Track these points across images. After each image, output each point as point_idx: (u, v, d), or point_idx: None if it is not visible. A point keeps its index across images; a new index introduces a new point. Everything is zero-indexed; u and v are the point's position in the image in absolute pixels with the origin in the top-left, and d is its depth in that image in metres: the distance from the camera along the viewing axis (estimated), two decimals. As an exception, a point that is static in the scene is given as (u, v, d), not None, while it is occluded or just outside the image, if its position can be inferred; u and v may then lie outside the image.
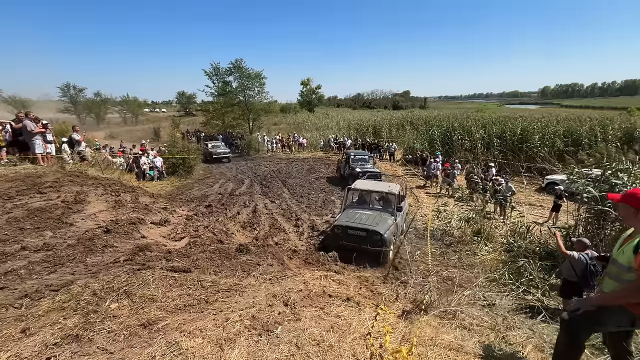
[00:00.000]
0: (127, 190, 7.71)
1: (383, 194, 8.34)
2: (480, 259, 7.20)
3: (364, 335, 2.54)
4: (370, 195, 8.56)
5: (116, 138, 31.60)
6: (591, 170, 7.33)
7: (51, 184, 6.28)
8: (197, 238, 5.27)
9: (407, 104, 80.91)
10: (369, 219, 7.35)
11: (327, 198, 12.36)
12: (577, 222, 7.15)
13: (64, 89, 45.17)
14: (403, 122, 30.16)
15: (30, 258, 3.61)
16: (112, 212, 5.73)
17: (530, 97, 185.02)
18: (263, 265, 4.11)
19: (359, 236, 6.91)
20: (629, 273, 2.11)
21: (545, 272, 6.14)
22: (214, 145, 22.54)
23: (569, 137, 17.28)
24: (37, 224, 4.55)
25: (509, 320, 3.54)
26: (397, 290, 4.45)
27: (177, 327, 2.45)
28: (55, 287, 2.98)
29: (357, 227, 6.99)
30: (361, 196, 8.71)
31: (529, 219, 9.59)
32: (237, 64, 26.40)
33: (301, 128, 35.73)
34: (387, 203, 8.28)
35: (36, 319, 2.50)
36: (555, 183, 12.50)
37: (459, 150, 19.14)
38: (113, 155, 14.21)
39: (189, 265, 3.69)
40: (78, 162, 9.50)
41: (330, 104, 76.69)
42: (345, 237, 6.99)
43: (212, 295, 2.98)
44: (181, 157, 16.33)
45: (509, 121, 20.79)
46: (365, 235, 6.87)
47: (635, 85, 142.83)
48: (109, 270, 3.37)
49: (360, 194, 8.73)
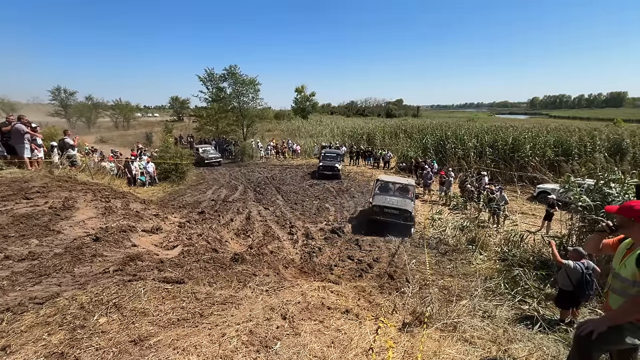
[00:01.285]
0: (117, 196, 7.51)
1: (402, 184, 10.84)
2: (475, 267, 7.17)
3: (366, 351, 2.45)
4: (394, 185, 10.85)
5: (107, 142, 31.13)
6: (583, 180, 7.43)
7: (38, 190, 6.07)
8: (190, 247, 5.12)
9: (400, 112, 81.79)
10: (398, 202, 9.66)
11: (322, 205, 12.27)
12: (570, 231, 7.21)
13: (54, 92, 44.42)
14: (396, 130, 30.39)
15: (14, 268, 3.43)
16: (102, 219, 5.54)
17: (519, 107, 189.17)
18: (259, 275, 3.99)
19: (393, 213, 9.25)
20: (635, 287, 2.08)
21: (540, 282, 6.15)
22: (204, 150, 22.50)
23: (559, 147, 17.60)
24: (22, 231, 4.35)
25: (510, 333, 3.48)
26: (395, 301, 4.38)
27: (170, 343, 2.32)
28: (40, 299, 2.82)
29: (392, 207, 9.35)
30: (385, 185, 10.85)
31: (522, 227, 9.66)
32: (232, 70, 26.33)
33: (295, 135, 35.71)
34: (405, 192, 10.57)
35: (18, 335, 2.34)
36: (546, 192, 12.66)
37: (452, 159, 19.33)
38: (103, 159, 13.91)
39: (183, 275, 3.55)
40: (67, 167, 9.25)
41: (324, 111, 77.04)
42: (382, 214, 9.35)
43: (207, 308, 2.85)
44: (174, 163, 16.08)
45: (501, 131, 21.14)
46: (397, 212, 9.23)
47: (620, 97, 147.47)
48: (98, 282, 3.22)
49: (384, 184, 10.88)
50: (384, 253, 7.83)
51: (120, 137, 38.07)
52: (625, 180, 6.23)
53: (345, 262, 7.14)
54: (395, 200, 9.73)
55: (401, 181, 11.16)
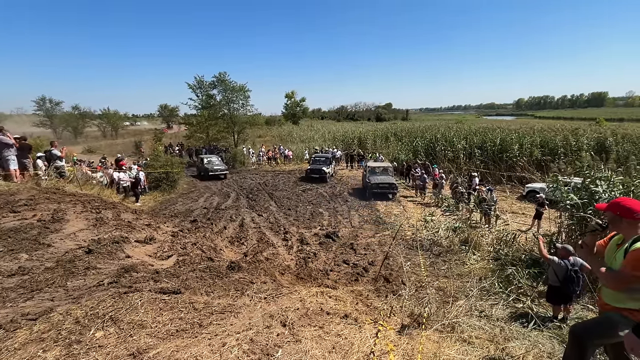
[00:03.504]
0: (107, 206, 7.39)
1: (384, 167, 16.18)
2: (470, 268, 7.26)
3: (367, 355, 2.46)
4: (379, 169, 15.91)
5: (95, 152, 30.59)
6: (570, 179, 7.63)
7: (26, 202, 5.94)
8: (185, 256, 5.06)
9: (390, 115, 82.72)
10: (384, 178, 14.84)
11: (315, 210, 12.26)
12: (560, 229, 7.36)
13: (39, 102, 43.55)
14: (387, 133, 30.71)
15: (4, 284, 3.34)
16: (93, 231, 5.44)
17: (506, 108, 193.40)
18: (257, 283, 3.97)
19: (384, 186, 14.44)
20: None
21: (533, 280, 6.25)
22: (209, 160, 20.09)
23: (545, 147, 18.04)
24: (10, 245, 4.24)
25: (506, 331, 3.54)
26: (392, 303, 4.40)
27: (169, 355, 2.29)
28: (33, 315, 2.75)
29: (383, 183, 14.48)
30: (373, 169, 15.81)
31: (513, 227, 9.83)
32: (221, 77, 26.29)
33: (286, 140, 35.73)
34: (386, 172, 15.80)
35: (12, 353, 2.28)
36: (535, 191, 12.93)
37: (442, 161, 19.60)
38: (92, 170, 13.67)
39: (179, 285, 3.51)
40: (55, 179, 9.06)
41: (314, 116, 77.33)
42: (377, 187, 14.37)
43: (205, 317, 2.83)
44: (164, 172, 15.90)
45: (489, 132, 21.59)
46: (387, 185, 14.47)
47: (601, 97, 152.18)
48: (93, 295, 3.15)
49: (372, 168, 15.89)
50: (379, 256, 7.86)
51: (109, 146, 37.47)
52: (611, 178, 6.42)
53: (341, 266, 7.14)
54: (382, 178, 14.90)
55: (383, 165, 16.77)
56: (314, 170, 18.33)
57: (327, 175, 18.25)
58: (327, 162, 19.32)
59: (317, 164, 18.88)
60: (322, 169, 18.15)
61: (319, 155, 20.99)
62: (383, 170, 15.96)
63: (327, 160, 19.47)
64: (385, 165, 16.82)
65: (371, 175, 15.40)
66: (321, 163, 19.03)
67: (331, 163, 19.82)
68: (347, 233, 9.64)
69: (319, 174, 18.14)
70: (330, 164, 19.47)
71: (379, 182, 14.54)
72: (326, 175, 18.14)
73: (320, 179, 18.11)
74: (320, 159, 19.60)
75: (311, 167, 18.65)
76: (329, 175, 18.54)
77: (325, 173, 18.11)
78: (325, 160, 19.40)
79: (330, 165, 19.33)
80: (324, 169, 18.20)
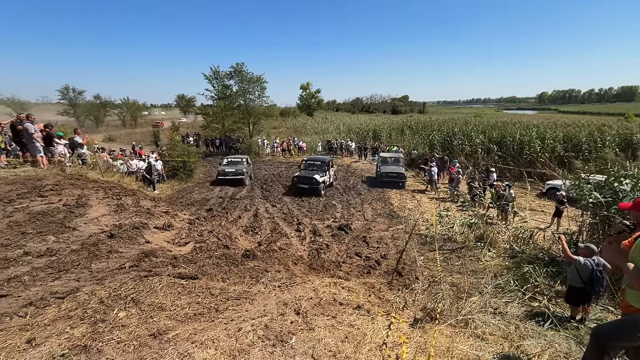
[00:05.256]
0: (127, 193, 7.62)
1: (395, 158, 16.57)
2: (484, 264, 7.15)
3: (380, 346, 2.48)
4: (390, 159, 16.40)
5: (115, 141, 31.50)
6: (593, 176, 7.34)
7: (52, 187, 6.20)
8: (202, 243, 5.20)
9: (406, 108, 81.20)
10: (395, 168, 15.30)
11: (328, 202, 12.30)
12: (581, 228, 7.13)
13: (62, 92, 44.96)
14: (402, 126, 30.23)
15: (34, 264, 3.53)
16: (115, 216, 5.65)
17: (527, 102, 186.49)
18: (271, 271, 4.04)
19: (394, 176, 14.92)
20: None
21: (551, 279, 6.10)
22: (229, 161, 16.46)
23: (568, 143, 17.35)
24: (39, 228, 4.46)
25: (521, 329, 3.49)
26: (405, 297, 4.40)
27: (188, 337, 2.38)
28: (61, 294, 2.90)
29: (393, 172, 15.03)
30: (385, 159, 16.42)
31: (531, 224, 9.58)
32: (238, 68, 26.40)
33: (301, 132, 35.74)
34: (398, 162, 16.06)
35: (42, 329, 2.42)
36: (556, 188, 12.51)
37: (459, 155, 19.18)
38: (113, 158, 14.11)
39: (196, 271, 3.61)
40: (78, 165, 9.41)
41: (329, 108, 76.84)
42: (387, 177, 14.94)
43: (222, 303, 2.91)
44: (181, 160, 16.24)
45: (509, 126, 20.91)
46: (396, 175, 14.91)
47: (632, 91, 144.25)
48: (115, 277, 3.29)
49: (384, 158, 16.55)
50: (392, 250, 7.84)
51: (128, 135, 38.48)
52: (638, 176, 6.14)
53: (353, 258, 7.16)
54: (393, 168, 15.37)
55: (394, 156, 17.06)
56: (302, 178, 13.32)
57: (322, 187, 13.29)
58: (322, 167, 14.24)
59: (308, 170, 14.01)
60: (314, 178, 13.08)
61: (312, 158, 16.06)
62: (394, 161, 16.23)
63: (323, 166, 14.37)
64: (397, 156, 16.91)
65: (382, 164, 15.96)
66: (314, 169, 14.11)
67: (328, 169, 14.54)
68: (360, 226, 9.64)
69: (309, 184, 13.10)
70: (327, 171, 14.34)
71: (389, 172, 15.06)
72: (319, 186, 13.10)
73: (311, 190, 13.08)
74: (313, 163, 14.66)
75: (299, 175, 13.64)
76: (324, 185, 13.58)
77: (318, 183, 13.06)
78: (320, 166, 14.35)
79: (326, 172, 14.20)
80: (317, 177, 13.14)
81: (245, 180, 15.24)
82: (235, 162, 16.21)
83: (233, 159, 16.74)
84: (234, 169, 15.36)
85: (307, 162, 14.99)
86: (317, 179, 13.08)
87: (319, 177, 13.26)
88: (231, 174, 15.18)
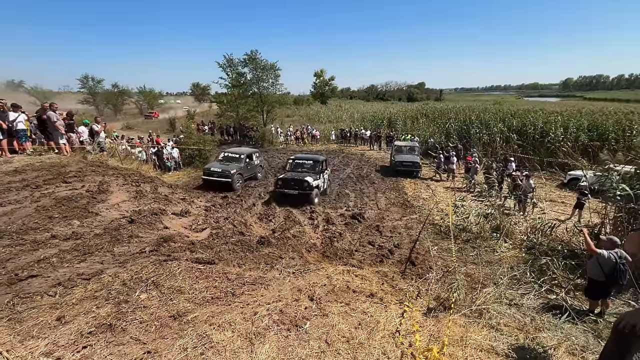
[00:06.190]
0: (146, 180, 7.84)
1: (411, 146, 16.38)
2: (500, 255, 7.04)
3: (393, 333, 2.50)
4: (405, 148, 16.20)
5: (133, 129, 32.20)
6: (622, 167, 7.01)
7: (75, 174, 6.44)
8: (218, 229, 5.32)
9: (422, 95, 79.33)
10: (410, 157, 15.26)
11: (341, 191, 12.29)
12: (604, 221, 6.88)
13: (83, 81, 46.07)
14: (418, 114, 29.59)
15: (61, 246, 3.71)
16: (134, 202, 5.84)
17: (551, 89, 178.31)
18: (285, 258, 4.11)
19: (408, 165, 14.87)
20: None
21: (570, 272, 5.96)
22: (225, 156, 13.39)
23: (594, 131, 16.58)
24: (64, 212, 4.67)
25: (537, 321, 3.44)
26: (418, 286, 4.39)
27: (206, 319, 2.46)
28: (87, 275, 3.05)
29: (407, 161, 14.99)
30: (400, 148, 16.20)
31: (551, 216, 9.31)
32: (252, 55, 26.26)
33: (314, 120, 35.55)
34: (413, 151, 15.94)
35: (70, 307, 2.56)
36: (578, 179, 12.06)
37: (476, 144, 18.68)
38: (132, 146, 14.47)
39: (213, 257, 3.72)
40: (98, 153, 9.71)
41: (343, 96, 75.90)
42: (401, 166, 14.95)
43: (238, 288, 3.00)
44: (197, 148, 16.52)
45: (529, 114, 20.12)
46: (411, 164, 14.87)
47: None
48: (136, 261, 3.43)
49: (399, 147, 16.32)
50: (405, 239, 7.80)
51: (145, 123, 39.26)
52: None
53: (366, 247, 7.17)
54: (409, 157, 15.34)
55: (410, 144, 16.81)
56: (289, 182, 10.38)
57: (314, 193, 10.29)
58: (315, 168, 11.27)
59: (297, 172, 11.11)
60: (306, 180, 10.17)
61: (302, 156, 12.85)
62: (409, 149, 16.06)
63: (316, 166, 11.36)
64: (412, 145, 16.76)
65: (397, 153, 15.85)
66: (305, 170, 11.23)
67: (322, 171, 11.47)
68: (373, 215, 9.61)
69: (299, 188, 10.18)
70: (321, 173, 11.29)
71: (403, 160, 15.08)
72: (311, 192, 10.16)
73: (301, 197, 10.16)
74: (304, 163, 11.65)
75: (285, 177, 10.68)
76: (318, 191, 10.68)
77: (311, 187, 10.17)
78: (312, 166, 11.39)
79: (320, 174, 11.15)
80: (309, 179, 10.24)
81: (235, 185, 11.71)
82: (230, 159, 12.90)
83: (231, 154, 13.32)
84: (220, 169, 11.93)
85: (295, 160, 11.91)
86: (309, 182, 10.13)
87: (312, 179, 10.32)
88: (216, 175, 11.79)
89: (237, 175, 11.87)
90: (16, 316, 2.40)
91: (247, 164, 12.63)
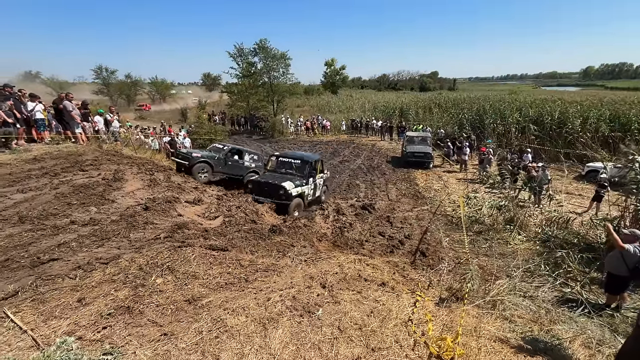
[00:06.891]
0: (159, 169, 7.97)
1: (422, 137, 16.15)
2: (513, 248, 6.93)
3: (405, 322, 2.50)
4: (417, 138, 16.00)
5: (146, 119, 32.63)
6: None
7: (91, 162, 6.59)
8: (230, 217, 5.39)
9: (436, 85, 77.65)
10: (422, 148, 15.04)
11: (352, 182, 12.25)
12: (623, 214, 6.67)
13: (97, 71, 46.71)
14: (431, 104, 29.00)
15: (79, 232, 3.82)
16: (149, 190, 5.94)
17: (570, 78, 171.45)
18: (297, 246, 4.14)
19: (420, 156, 14.72)
20: None
21: (585, 265, 5.83)
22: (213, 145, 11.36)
23: (615, 122, 15.94)
24: (82, 199, 4.79)
25: (552, 314, 3.39)
26: (430, 277, 4.37)
27: (220, 304, 2.51)
28: (105, 260, 3.14)
29: (419, 152, 14.83)
30: (412, 138, 16.07)
31: (567, 208, 9.09)
32: (262, 44, 26.09)
33: (325, 110, 35.27)
34: (425, 142, 15.70)
35: (90, 290, 2.65)
36: (596, 171, 11.68)
37: (491, 135, 18.24)
38: (145, 135, 14.69)
39: (226, 244, 3.77)
40: (113, 142, 9.89)
41: (354, 85, 74.85)
42: (413, 157, 14.82)
43: (251, 274, 3.04)
44: (208, 138, 16.67)
45: (547, 104, 19.45)
46: (423, 155, 14.74)
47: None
48: (152, 247, 3.50)
49: (411, 137, 16.23)
50: (416, 230, 7.75)
51: (158, 113, 39.73)
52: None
53: (376, 237, 7.15)
54: (420, 148, 15.06)
55: (422, 135, 16.61)
56: (261, 186, 8.26)
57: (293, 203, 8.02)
58: (303, 170, 8.93)
59: (279, 173, 9.08)
60: (282, 187, 7.87)
61: (288, 153, 10.64)
62: (421, 140, 15.86)
63: (303, 167, 9.00)
64: (424, 135, 16.62)
65: (409, 144, 15.67)
66: (288, 172, 8.97)
67: (312, 175, 9.01)
68: (384, 206, 9.56)
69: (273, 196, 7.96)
70: (310, 177, 8.87)
71: (415, 151, 14.90)
72: (290, 203, 7.91)
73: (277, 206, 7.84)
74: (289, 162, 9.35)
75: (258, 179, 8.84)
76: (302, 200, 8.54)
77: (288, 196, 7.90)
78: (299, 167, 9.06)
79: (308, 178, 8.78)
80: (287, 185, 7.92)
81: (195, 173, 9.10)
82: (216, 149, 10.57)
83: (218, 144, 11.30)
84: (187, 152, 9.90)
85: (279, 158, 9.72)
86: (286, 190, 7.84)
87: (291, 186, 8.02)
88: (180, 156, 9.65)
89: (202, 163, 9.45)
90: (39, 297, 2.50)
91: (228, 159, 10.24)
